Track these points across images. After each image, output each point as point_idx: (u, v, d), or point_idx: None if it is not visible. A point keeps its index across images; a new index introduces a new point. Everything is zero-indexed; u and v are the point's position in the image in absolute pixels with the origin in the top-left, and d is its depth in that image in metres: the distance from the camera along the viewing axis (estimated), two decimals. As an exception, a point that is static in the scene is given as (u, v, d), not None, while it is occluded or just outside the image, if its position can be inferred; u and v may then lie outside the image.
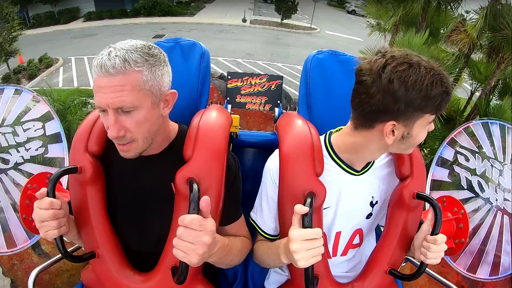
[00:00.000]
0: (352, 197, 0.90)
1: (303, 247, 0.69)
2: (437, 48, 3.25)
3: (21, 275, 1.62)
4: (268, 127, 2.90)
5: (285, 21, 18.52)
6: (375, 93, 0.72)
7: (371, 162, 0.90)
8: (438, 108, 0.73)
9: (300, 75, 1.19)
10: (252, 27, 18.07)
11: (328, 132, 0.93)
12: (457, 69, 3.17)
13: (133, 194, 0.86)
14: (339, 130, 0.92)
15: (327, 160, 0.89)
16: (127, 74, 0.69)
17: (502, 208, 1.22)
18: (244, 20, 18.54)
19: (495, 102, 3.20)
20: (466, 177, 1.27)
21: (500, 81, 3.26)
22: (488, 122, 1.29)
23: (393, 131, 0.75)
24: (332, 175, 0.88)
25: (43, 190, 0.73)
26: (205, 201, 0.66)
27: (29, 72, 10.05)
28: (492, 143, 1.27)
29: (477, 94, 3.38)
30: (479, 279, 1.21)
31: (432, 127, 0.79)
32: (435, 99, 0.70)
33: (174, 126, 0.90)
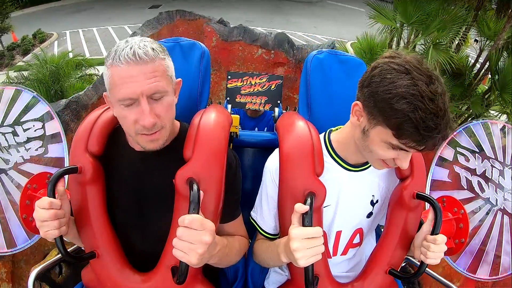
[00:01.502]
0: (352, 195, 0.90)
1: (303, 245, 0.69)
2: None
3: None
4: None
5: None
6: (365, 73, 0.76)
7: None
8: (398, 130, 0.68)
9: (300, 41, 1.18)
10: (253, -3, 17.67)
11: (327, 130, 0.94)
12: (466, 24, 3.08)
13: (133, 194, 0.86)
14: (338, 128, 0.92)
15: (326, 158, 0.89)
16: (157, 61, 0.73)
17: (502, 208, 1.22)
18: None
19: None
20: (466, 177, 1.27)
21: (509, 42, 3.12)
22: (488, 122, 1.29)
23: (360, 117, 0.77)
24: (331, 173, 0.88)
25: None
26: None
27: (23, 48, 9.87)
28: (492, 143, 1.26)
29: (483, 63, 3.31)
30: (479, 279, 1.21)
31: (402, 163, 0.74)
32: (396, 115, 0.66)
33: (176, 123, 0.91)
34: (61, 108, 1.79)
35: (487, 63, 3.18)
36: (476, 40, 3.49)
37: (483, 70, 3.29)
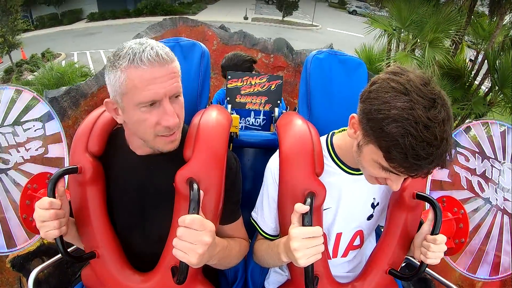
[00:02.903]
0: (352, 198, 0.89)
1: (304, 245, 0.69)
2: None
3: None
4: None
5: (286, 18, 18.61)
6: (366, 86, 0.73)
7: None
8: (387, 153, 0.65)
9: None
10: (254, 24, 18.11)
11: (330, 133, 0.93)
12: (460, 27, 3.08)
13: (133, 194, 0.86)
14: (342, 131, 0.92)
15: (328, 161, 0.88)
16: (174, 62, 0.74)
17: (502, 208, 1.22)
18: (245, 18, 18.67)
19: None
20: (466, 177, 1.27)
21: (504, 40, 3.15)
22: (488, 122, 1.29)
23: (357, 131, 0.74)
24: (332, 176, 0.87)
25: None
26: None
27: (31, 65, 10.11)
28: (492, 143, 1.26)
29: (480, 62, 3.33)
30: (479, 279, 1.21)
31: (392, 184, 0.72)
32: (386, 138, 0.63)
33: None
34: (60, 94, 1.80)
35: (485, 62, 3.19)
36: (471, 60, 3.53)
37: (481, 69, 3.30)
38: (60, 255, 0.83)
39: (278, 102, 1.42)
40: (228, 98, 1.42)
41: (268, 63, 2.73)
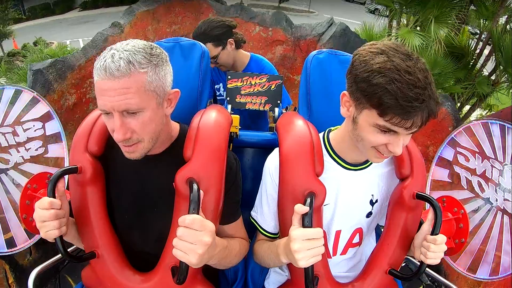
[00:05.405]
0: (351, 194, 0.90)
1: (304, 246, 0.69)
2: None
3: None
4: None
5: (282, 4, 18.50)
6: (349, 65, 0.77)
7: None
8: (380, 107, 0.68)
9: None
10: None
11: (327, 130, 0.94)
12: (464, 5, 3.02)
13: (134, 194, 0.86)
14: (338, 128, 0.92)
15: (325, 156, 0.89)
16: (132, 76, 0.68)
17: (502, 208, 1.22)
18: (241, 3, 18.59)
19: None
20: (466, 177, 1.27)
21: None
22: (488, 122, 1.29)
23: (350, 107, 0.78)
24: (330, 171, 0.88)
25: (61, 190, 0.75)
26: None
27: (22, 54, 10.12)
28: (492, 143, 1.26)
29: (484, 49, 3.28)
30: (479, 279, 1.21)
31: (394, 148, 0.73)
32: (376, 91, 0.67)
33: (175, 126, 0.90)
34: (45, 66, 1.72)
35: (489, 42, 3.14)
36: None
37: (485, 47, 3.24)
38: (60, 255, 0.83)
39: (278, 102, 1.42)
40: (228, 98, 1.42)
41: (266, 37, 2.63)
